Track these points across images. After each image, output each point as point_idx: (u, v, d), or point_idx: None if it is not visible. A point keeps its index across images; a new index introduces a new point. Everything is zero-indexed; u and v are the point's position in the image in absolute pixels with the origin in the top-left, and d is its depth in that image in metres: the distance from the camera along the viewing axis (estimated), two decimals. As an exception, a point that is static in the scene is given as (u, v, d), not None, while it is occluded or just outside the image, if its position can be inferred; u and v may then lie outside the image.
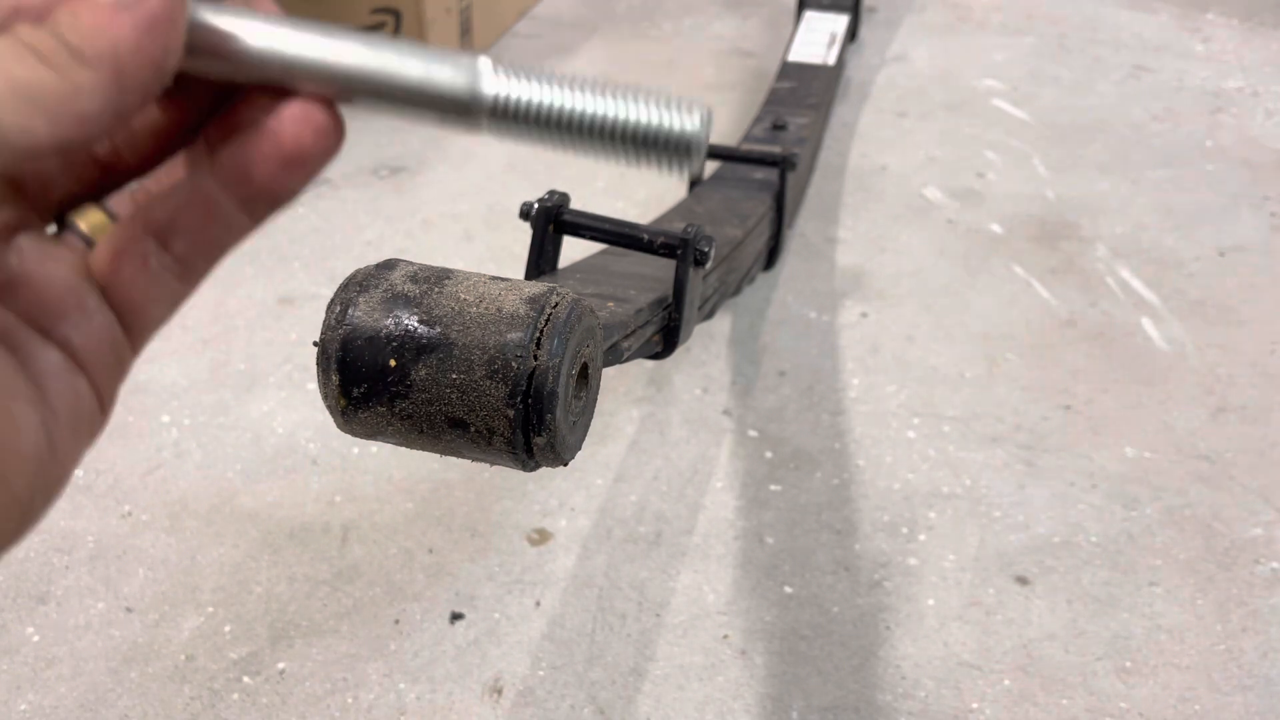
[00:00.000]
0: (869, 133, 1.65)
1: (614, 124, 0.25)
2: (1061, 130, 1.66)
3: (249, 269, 1.27)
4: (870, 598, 0.86)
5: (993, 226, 1.39)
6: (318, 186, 1.46)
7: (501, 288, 0.38)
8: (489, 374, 0.35)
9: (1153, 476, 0.99)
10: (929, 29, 2.06)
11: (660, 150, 0.25)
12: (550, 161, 1.55)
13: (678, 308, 0.66)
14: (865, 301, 1.23)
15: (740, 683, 0.79)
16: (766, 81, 1.65)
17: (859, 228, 1.39)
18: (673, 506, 0.95)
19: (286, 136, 0.25)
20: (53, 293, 0.25)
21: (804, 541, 0.91)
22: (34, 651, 0.81)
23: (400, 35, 0.23)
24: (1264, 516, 0.94)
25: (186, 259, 0.27)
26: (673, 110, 0.25)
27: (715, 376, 1.11)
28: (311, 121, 0.25)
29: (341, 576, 0.87)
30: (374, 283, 0.38)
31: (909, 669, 0.80)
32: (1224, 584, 0.88)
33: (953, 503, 0.95)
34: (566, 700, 0.78)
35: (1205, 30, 2.06)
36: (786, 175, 1.09)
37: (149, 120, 0.26)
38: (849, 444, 1.02)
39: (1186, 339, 1.18)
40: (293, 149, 0.25)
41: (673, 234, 0.66)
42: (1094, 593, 0.87)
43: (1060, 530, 0.93)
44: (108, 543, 0.90)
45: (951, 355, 1.14)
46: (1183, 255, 1.34)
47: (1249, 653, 0.82)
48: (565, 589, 0.86)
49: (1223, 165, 1.56)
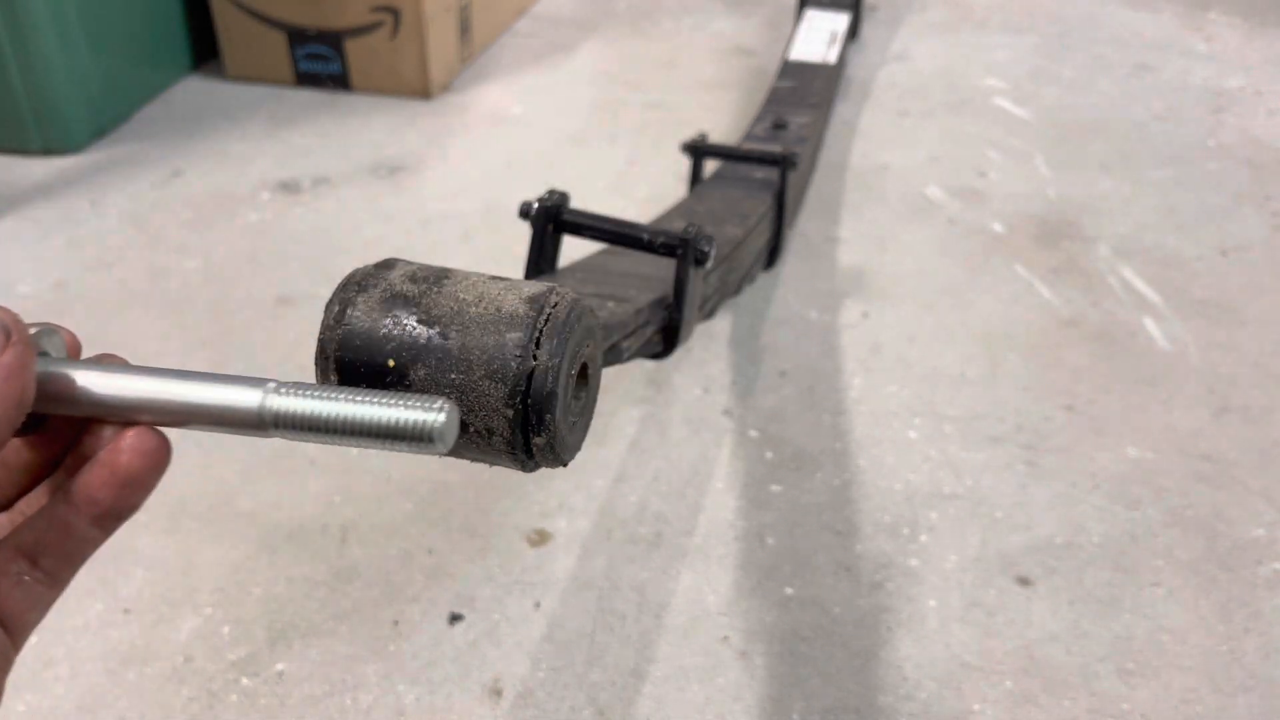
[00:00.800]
0: (870, 132, 1.64)
1: (373, 426, 0.31)
2: (1063, 129, 1.65)
3: (247, 268, 1.27)
4: (871, 599, 0.86)
5: (994, 226, 1.39)
6: (317, 185, 1.46)
7: (501, 287, 0.37)
8: (488, 374, 0.35)
9: (1155, 477, 0.98)
10: (930, 27, 2.05)
11: (411, 441, 0.31)
12: (550, 161, 1.55)
13: (678, 307, 0.66)
14: (866, 301, 1.23)
15: (741, 684, 0.79)
16: (767, 80, 1.65)
17: (860, 227, 1.38)
18: (673, 507, 0.94)
19: (121, 464, 0.30)
20: None
21: (805, 542, 0.91)
22: (31, 652, 0.80)
23: (209, 373, 0.28)
24: (1266, 517, 0.94)
25: (53, 571, 0.31)
26: (417, 410, 0.31)
27: (715, 376, 1.10)
28: (142, 448, 0.31)
29: (340, 577, 0.87)
30: (373, 282, 0.37)
31: (910, 670, 0.80)
32: (1226, 585, 0.87)
33: (954, 503, 0.95)
34: (566, 702, 0.77)
35: (1208, 29, 2.05)
36: (787, 174, 1.08)
37: (17, 457, 0.32)
38: (850, 444, 1.01)
39: (1189, 339, 1.17)
40: (126, 474, 0.31)
41: (673, 233, 0.65)
42: (1096, 593, 0.86)
43: (1062, 531, 0.92)
44: (106, 543, 0.89)
45: (953, 355, 1.14)
46: (1185, 255, 1.33)
47: (1251, 654, 0.82)
48: (565, 590, 0.86)
49: (1225, 164, 1.56)
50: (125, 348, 1.16)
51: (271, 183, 1.47)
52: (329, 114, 1.67)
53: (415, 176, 1.49)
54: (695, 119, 1.67)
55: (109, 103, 1.58)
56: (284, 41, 1.72)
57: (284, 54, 1.73)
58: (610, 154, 1.57)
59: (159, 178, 1.47)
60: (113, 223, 1.36)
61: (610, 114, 1.70)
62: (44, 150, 1.51)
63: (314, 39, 1.70)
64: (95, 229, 1.35)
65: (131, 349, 1.11)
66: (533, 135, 1.62)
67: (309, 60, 1.73)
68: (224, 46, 1.75)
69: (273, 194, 1.44)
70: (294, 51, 1.73)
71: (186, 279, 1.25)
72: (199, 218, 1.38)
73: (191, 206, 1.41)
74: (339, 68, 1.73)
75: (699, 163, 1.12)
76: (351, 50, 1.70)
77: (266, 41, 1.73)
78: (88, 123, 1.54)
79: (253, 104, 1.70)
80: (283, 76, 1.76)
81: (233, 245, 1.32)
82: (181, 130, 1.61)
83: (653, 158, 1.55)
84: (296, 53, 1.73)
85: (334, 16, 1.68)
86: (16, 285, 1.23)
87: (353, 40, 1.69)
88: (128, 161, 1.51)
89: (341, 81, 1.74)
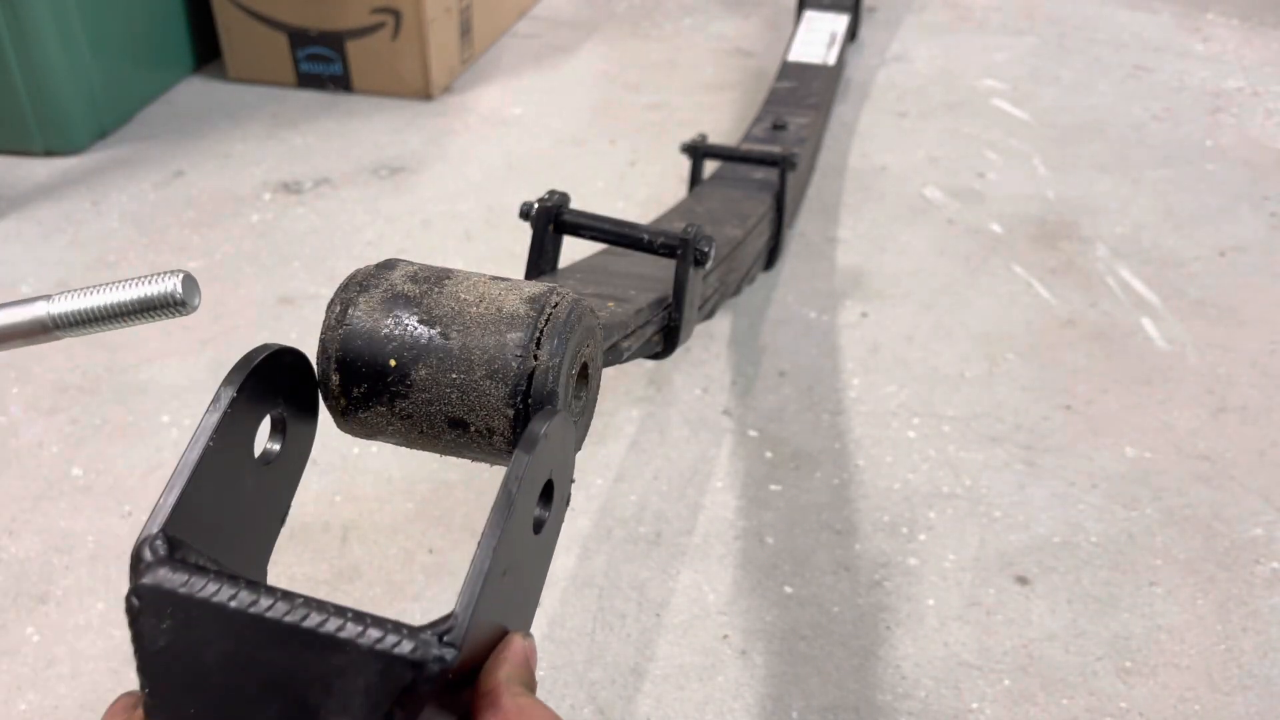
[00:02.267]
0: (869, 132, 1.65)
1: (130, 305, 0.36)
2: (1062, 130, 1.66)
3: (249, 269, 1.27)
4: (870, 598, 0.86)
5: (993, 226, 1.39)
6: (318, 186, 1.46)
7: (501, 288, 0.38)
8: (489, 374, 0.35)
9: (1153, 476, 0.99)
10: (929, 29, 2.06)
11: (164, 308, 0.35)
12: (550, 161, 1.55)
13: (678, 308, 0.66)
14: (865, 301, 1.23)
15: (740, 683, 0.79)
16: (766, 81, 1.65)
17: (859, 227, 1.39)
18: (673, 506, 0.95)
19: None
20: None
21: (804, 541, 0.91)
22: (34, 651, 0.81)
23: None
24: (1264, 516, 0.94)
25: None
26: (160, 282, 0.35)
27: (715, 376, 1.11)
28: None
29: (341, 576, 0.87)
30: (374, 282, 0.38)
31: (909, 669, 0.80)
32: (1224, 584, 0.88)
33: (953, 503, 0.95)
34: (566, 700, 0.78)
35: (1205, 30, 2.06)
36: (786, 175, 1.09)
37: None
38: (849, 444, 1.02)
39: (1187, 339, 1.18)
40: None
41: (673, 234, 0.66)
42: (1094, 593, 0.87)
43: (1060, 530, 0.93)
44: (108, 543, 0.90)
45: (952, 355, 1.14)
46: (1183, 255, 1.34)
47: (1249, 653, 0.82)
48: (565, 589, 0.86)
49: (1223, 165, 1.56)
50: (126, 347, 1.16)
51: (273, 183, 1.47)
52: (330, 115, 1.68)
53: (416, 177, 1.50)
54: (695, 120, 1.67)
55: (111, 104, 1.59)
56: (285, 43, 1.72)
57: (285, 55, 1.74)
58: (610, 155, 1.57)
59: (161, 178, 1.48)
60: (114, 223, 1.37)
61: (610, 115, 1.70)
62: (46, 151, 1.52)
63: (315, 40, 1.71)
64: (97, 229, 1.35)
65: (132, 348, 1.12)
66: (533, 136, 1.62)
67: (310, 61, 1.74)
68: (225, 47, 1.76)
69: (274, 194, 1.44)
70: (295, 53, 1.73)
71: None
72: (200, 218, 1.38)
73: (193, 207, 1.41)
74: (340, 69, 1.73)
75: (698, 163, 1.12)
76: (353, 51, 1.71)
77: (268, 43, 1.73)
78: (89, 123, 1.55)
79: (254, 105, 1.71)
80: (284, 77, 1.76)
81: (234, 246, 1.32)
82: (183, 131, 1.61)
83: (652, 159, 1.55)
84: (298, 54, 1.73)
85: (335, 18, 1.68)
86: (18, 285, 1.24)
87: (354, 41, 1.70)
88: (129, 162, 1.51)
89: (342, 82, 1.74)
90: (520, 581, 0.34)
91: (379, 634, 0.28)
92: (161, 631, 0.29)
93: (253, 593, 0.29)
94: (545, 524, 0.36)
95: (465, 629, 0.29)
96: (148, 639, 0.29)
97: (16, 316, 0.36)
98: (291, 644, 0.28)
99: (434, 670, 0.28)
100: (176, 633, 0.29)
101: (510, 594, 0.33)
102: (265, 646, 0.29)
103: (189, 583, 0.29)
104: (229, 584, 0.29)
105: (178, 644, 0.29)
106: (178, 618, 0.29)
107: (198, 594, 0.29)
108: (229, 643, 0.29)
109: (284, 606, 0.29)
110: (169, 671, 0.29)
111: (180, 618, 0.29)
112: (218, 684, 0.29)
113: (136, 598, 0.30)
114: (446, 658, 0.28)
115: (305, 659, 0.28)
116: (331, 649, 0.28)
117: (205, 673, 0.29)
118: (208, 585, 0.29)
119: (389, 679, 0.28)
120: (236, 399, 0.34)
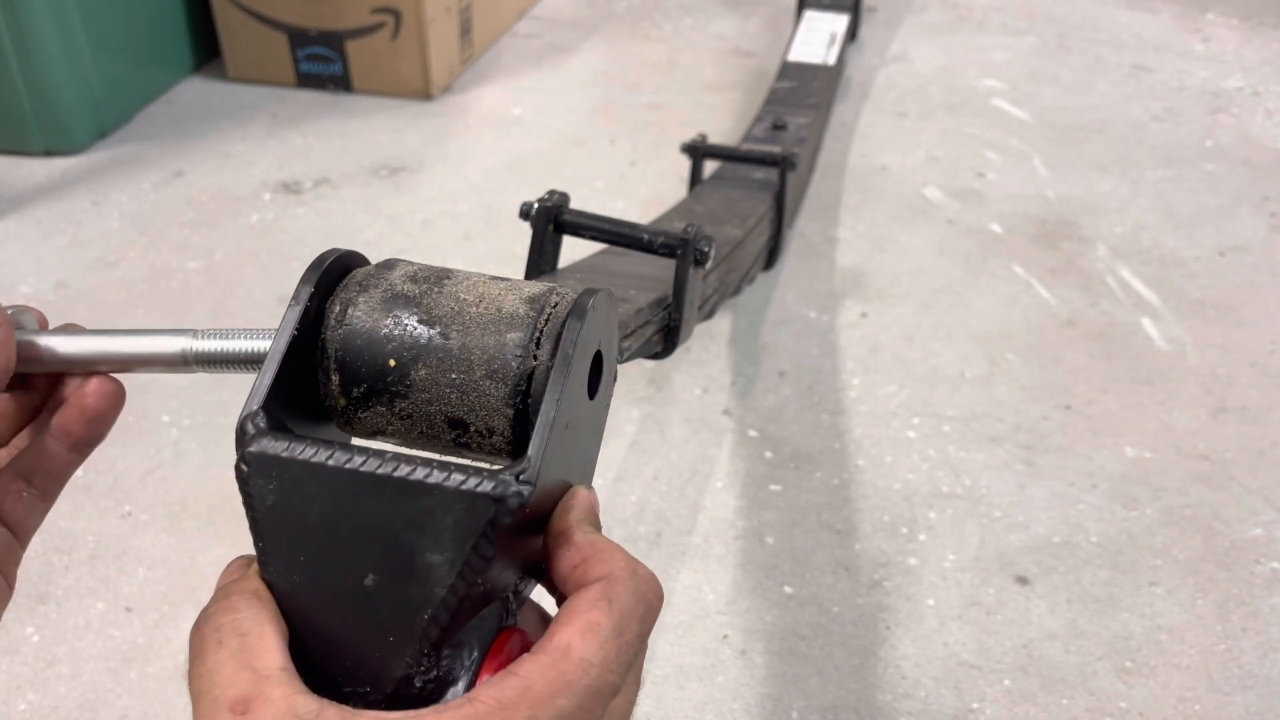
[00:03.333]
0: (869, 132, 1.65)
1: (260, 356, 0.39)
2: (1062, 130, 1.66)
3: (249, 269, 1.27)
4: (870, 598, 0.86)
5: (993, 226, 1.39)
6: (318, 186, 1.46)
7: (501, 288, 0.38)
8: (488, 374, 0.35)
9: (1153, 476, 0.99)
10: (929, 29, 2.06)
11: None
12: (550, 161, 1.55)
13: (678, 308, 0.66)
14: (865, 301, 1.23)
15: (740, 683, 0.79)
16: (766, 81, 1.65)
17: (859, 227, 1.39)
18: (673, 506, 0.95)
19: (88, 404, 0.39)
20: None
21: (804, 541, 0.91)
22: (34, 651, 0.81)
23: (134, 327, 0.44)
24: (1264, 516, 0.94)
25: (44, 489, 0.40)
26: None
27: (715, 376, 1.11)
28: (102, 391, 0.39)
29: (341, 576, 0.87)
30: (374, 282, 0.38)
31: (909, 669, 0.80)
32: (1224, 584, 0.88)
33: (953, 502, 0.95)
34: (566, 700, 0.78)
35: (1205, 30, 2.06)
36: (786, 175, 1.09)
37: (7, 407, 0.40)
38: (849, 444, 1.02)
39: (1187, 339, 1.18)
40: (92, 411, 0.39)
41: (673, 234, 0.66)
42: (1094, 592, 0.87)
43: (1060, 530, 0.93)
44: (108, 543, 0.90)
45: (951, 355, 1.14)
46: (1183, 255, 1.34)
47: (1249, 652, 0.82)
48: (565, 589, 0.86)
49: (1223, 165, 1.56)
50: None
51: (273, 183, 1.47)
52: (330, 115, 1.68)
53: (416, 177, 1.50)
54: (695, 120, 1.67)
55: (111, 103, 1.59)
56: (285, 43, 1.72)
57: (285, 55, 1.74)
58: (610, 155, 1.57)
59: (161, 178, 1.48)
60: (114, 223, 1.37)
61: (610, 115, 1.70)
62: (46, 151, 1.52)
63: (315, 40, 1.71)
64: (97, 229, 1.35)
65: (133, 349, 1.12)
66: (533, 136, 1.62)
67: (310, 61, 1.74)
68: (225, 48, 1.76)
69: (274, 194, 1.44)
70: (295, 53, 1.73)
71: (188, 279, 1.25)
72: (200, 218, 1.38)
73: (193, 207, 1.41)
74: (340, 69, 1.73)
75: (698, 163, 1.12)
76: (352, 51, 1.71)
77: (268, 42, 1.73)
78: (90, 123, 1.55)
79: (254, 105, 1.71)
80: (284, 77, 1.76)
81: (234, 245, 1.32)
82: (183, 131, 1.61)
83: (652, 158, 1.55)
84: (298, 54, 1.73)
85: (335, 18, 1.68)
86: (18, 285, 1.24)
87: (354, 41, 1.70)
88: (129, 162, 1.51)
89: (342, 82, 1.74)
90: (580, 441, 0.37)
91: (463, 477, 0.32)
92: (269, 491, 0.33)
93: (346, 452, 0.33)
94: (598, 392, 0.39)
95: (538, 469, 0.32)
96: (257, 499, 0.33)
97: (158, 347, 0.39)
98: (385, 492, 0.32)
99: (513, 504, 0.31)
100: (283, 491, 0.33)
101: (572, 450, 0.36)
102: (363, 497, 0.32)
103: (289, 448, 0.33)
104: (324, 446, 0.33)
105: (284, 501, 0.33)
106: (283, 479, 0.33)
107: (298, 456, 0.33)
108: (330, 496, 0.32)
109: (376, 461, 0.32)
110: (278, 526, 0.33)
111: (285, 479, 0.33)
112: (322, 533, 0.32)
113: (245, 464, 0.34)
114: (524, 493, 0.31)
115: (399, 504, 0.32)
116: (422, 493, 0.32)
117: (311, 524, 0.32)
118: (306, 449, 0.33)
119: (474, 515, 0.31)
120: (314, 294, 0.37)
